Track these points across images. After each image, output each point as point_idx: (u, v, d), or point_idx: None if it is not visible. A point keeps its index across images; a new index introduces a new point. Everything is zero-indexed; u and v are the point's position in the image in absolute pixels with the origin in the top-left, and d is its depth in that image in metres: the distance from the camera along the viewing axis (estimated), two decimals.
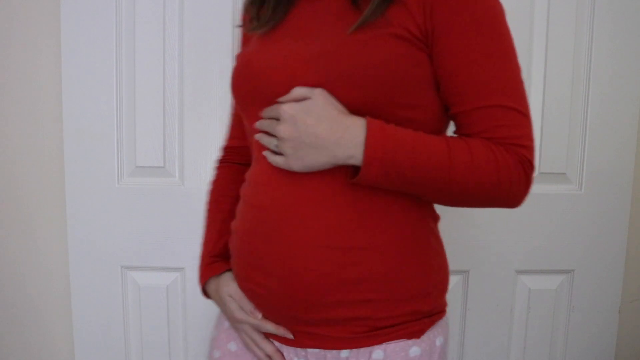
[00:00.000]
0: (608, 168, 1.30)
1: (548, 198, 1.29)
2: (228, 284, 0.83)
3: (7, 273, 1.22)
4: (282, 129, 0.68)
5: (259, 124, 0.74)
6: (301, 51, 0.71)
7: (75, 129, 1.20)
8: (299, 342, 0.76)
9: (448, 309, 0.82)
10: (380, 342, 0.73)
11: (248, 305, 0.80)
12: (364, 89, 0.67)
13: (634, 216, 1.33)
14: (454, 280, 1.31)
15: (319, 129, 0.66)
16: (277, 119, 0.70)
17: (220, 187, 0.93)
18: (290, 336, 0.76)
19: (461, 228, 1.28)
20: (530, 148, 0.69)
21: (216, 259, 0.87)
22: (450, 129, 0.77)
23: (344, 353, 0.75)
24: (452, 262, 1.29)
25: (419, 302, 0.75)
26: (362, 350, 0.73)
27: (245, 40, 0.89)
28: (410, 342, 0.73)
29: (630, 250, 1.35)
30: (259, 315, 0.79)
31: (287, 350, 0.79)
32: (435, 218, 0.82)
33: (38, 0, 1.15)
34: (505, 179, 0.67)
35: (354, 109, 0.68)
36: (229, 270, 0.84)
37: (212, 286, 0.86)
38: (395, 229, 0.72)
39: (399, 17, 0.67)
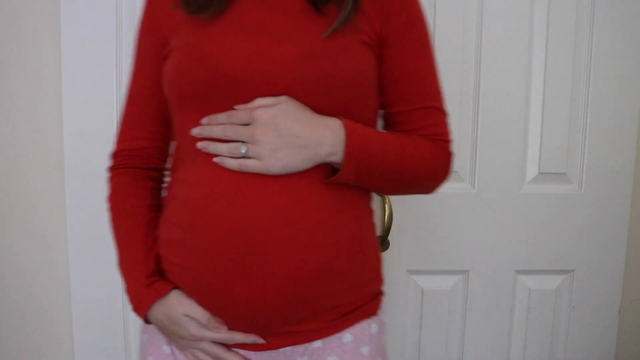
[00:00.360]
0: (608, 168, 1.30)
1: (548, 198, 1.29)
2: (181, 303, 0.75)
3: (7, 273, 1.22)
4: (259, 133, 0.69)
5: (213, 131, 0.72)
6: (279, 51, 0.70)
7: (75, 129, 1.20)
8: (270, 344, 0.76)
9: (448, 309, 0.83)
10: (348, 326, 0.77)
11: (213, 320, 0.75)
12: (343, 92, 0.72)
13: (634, 216, 1.33)
14: (454, 280, 1.31)
15: (300, 130, 0.69)
16: (245, 124, 0.70)
17: (129, 198, 0.82)
18: (262, 341, 0.76)
19: (461, 228, 1.28)
20: (451, 142, 0.82)
21: (155, 279, 0.78)
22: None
23: (317, 343, 0.77)
24: (452, 262, 1.30)
25: (374, 283, 0.82)
26: (332, 336, 0.77)
27: (156, 20, 0.80)
28: (370, 320, 0.80)
29: (630, 250, 1.35)
30: (225, 328, 0.75)
31: (257, 356, 0.78)
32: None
33: (38, 0, 1.15)
34: (440, 169, 0.81)
35: (330, 111, 0.72)
36: (175, 288, 0.77)
37: (157, 310, 0.76)
38: (360, 220, 0.79)
39: (363, 25, 0.74)
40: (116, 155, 0.86)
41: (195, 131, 0.73)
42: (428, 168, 0.78)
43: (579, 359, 1.37)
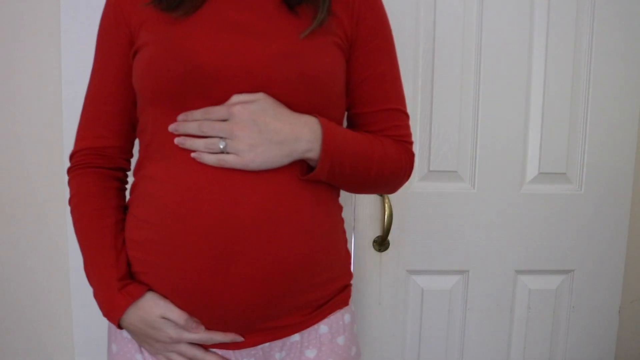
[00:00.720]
0: (608, 168, 1.30)
1: (548, 198, 1.29)
2: (157, 305, 0.73)
3: (7, 273, 1.22)
4: (238, 128, 0.69)
5: (189, 127, 0.71)
6: (256, 49, 0.71)
7: (76, 129, 1.20)
8: (249, 342, 0.76)
9: (448, 309, 0.82)
10: (323, 318, 0.79)
11: (191, 320, 0.74)
12: (318, 91, 0.73)
13: (634, 216, 1.33)
14: (454, 280, 1.31)
15: (279, 126, 0.70)
16: (221, 120, 0.70)
17: (94, 199, 0.79)
18: (241, 339, 0.76)
19: (461, 228, 1.28)
20: (412, 144, 0.85)
21: (127, 282, 0.75)
22: None
23: (294, 337, 0.78)
24: (452, 262, 1.30)
25: (345, 276, 0.84)
26: (309, 329, 0.79)
27: (122, 16, 0.78)
28: (343, 310, 0.82)
29: (630, 250, 1.35)
30: (203, 328, 0.75)
31: (236, 354, 0.78)
32: None
33: (38, 0, 1.15)
34: (404, 170, 0.83)
35: (305, 109, 0.73)
36: (149, 290, 0.75)
37: (132, 314, 0.74)
38: (332, 216, 0.81)
39: (336, 27, 0.77)
40: (77, 155, 0.82)
41: (171, 127, 0.72)
42: (394, 168, 0.81)
43: (579, 359, 1.37)
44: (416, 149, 1.25)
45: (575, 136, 1.29)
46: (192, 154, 0.71)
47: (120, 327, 0.76)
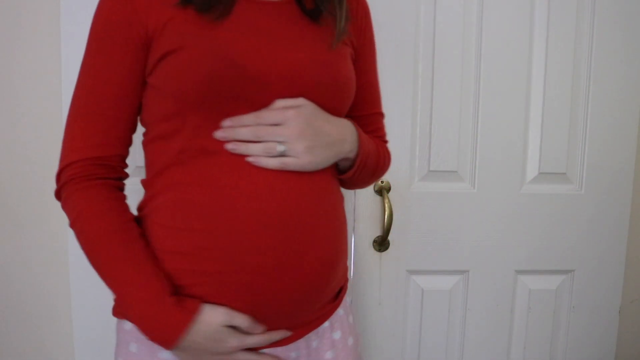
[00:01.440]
0: (608, 168, 1.30)
1: (548, 198, 1.29)
2: (217, 314, 0.69)
3: (6, 273, 1.22)
4: (297, 132, 0.71)
5: (240, 133, 0.70)
6: (295, 56, 0.73)
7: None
8: (296, 335, 0.78)
9: (448, 309, 0.81)
10: (340, 303, 0.86)
11: (254, 323, 0.72)
12: (341, 96, 0.78)
13: (634, 216, 1.33)
14: (454, 280, 1.31)
15: (329, 128, 0.75)
16: (275, 124, 0.72)
17: (111, 213, 0.71)
18: (289, 334, 0.77)
19: (461, 228, 1.28)
20: (387, 142, 0.95)
21: (179, 296, 0.69)
22: None
23: (326, 323, 0.83)
24: (452, 262, 1.30)
25: (347, 264, 0.88)
26: (334, 314, 0.85)
27: (137, 11, 0.70)
28: (347, 293, 0.89)
29: (630, 250, 1.35)
30: (261, 329, 0.73)
31: (284, 350, 0.79)
32: None
33: (38, 0, 1.15)
34: (388, 167, 0.92)
35: (331, 113, 0.77)
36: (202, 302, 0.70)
37: (193, 330, 0.67)
38: (344, 209, 0.85)
39: (347, 38, 0.81)
40: (71, 169, 0.73)
41: (219, 134, 0.70)
42: (385, 166, 0.91)
43: (579, 359, 1.37)
44: (416, 149, 1.25)
45: (576, 136, 1.29)
46: (249, 159, 0.70)
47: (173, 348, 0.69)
